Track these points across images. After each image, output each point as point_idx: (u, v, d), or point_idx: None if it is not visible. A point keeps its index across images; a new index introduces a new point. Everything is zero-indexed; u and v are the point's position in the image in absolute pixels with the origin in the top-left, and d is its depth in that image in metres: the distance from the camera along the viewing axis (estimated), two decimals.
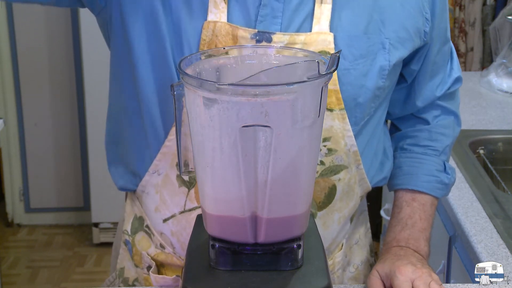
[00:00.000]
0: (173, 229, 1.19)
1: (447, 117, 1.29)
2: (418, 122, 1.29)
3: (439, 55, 1.23)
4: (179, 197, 1.16)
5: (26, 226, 3.57)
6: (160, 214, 1.20)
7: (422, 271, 1.09)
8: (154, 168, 1.17)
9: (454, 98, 1.30)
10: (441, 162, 1.27)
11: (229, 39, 1.08)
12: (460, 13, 3.04)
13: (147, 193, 1.20)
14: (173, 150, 1.14)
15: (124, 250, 1.30)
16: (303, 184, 0.93)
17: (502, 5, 2.97)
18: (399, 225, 1.22)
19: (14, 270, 3.13)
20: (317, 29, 1.09)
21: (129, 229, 1.27)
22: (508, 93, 2.37)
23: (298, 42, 1.09)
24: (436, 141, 1.27)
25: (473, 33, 3.05)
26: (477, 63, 3.06)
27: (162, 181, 1.17)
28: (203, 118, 0.87)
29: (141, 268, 1.26)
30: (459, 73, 1.29)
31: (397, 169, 1.28)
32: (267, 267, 0.94)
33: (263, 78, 0.86)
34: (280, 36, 1.08)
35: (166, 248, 1.22)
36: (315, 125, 0.90)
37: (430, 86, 1.25)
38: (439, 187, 1.26)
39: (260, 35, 1.08)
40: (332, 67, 0.88)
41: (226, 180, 0.90)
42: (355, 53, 1.11)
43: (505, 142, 2.00)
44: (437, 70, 1.25)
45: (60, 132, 3.43)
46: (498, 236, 1.45)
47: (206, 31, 1.08)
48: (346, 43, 1.10)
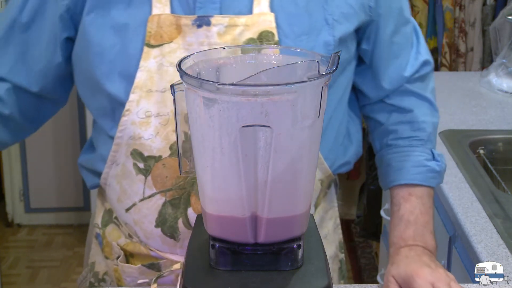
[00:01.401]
0: (135, 217, 1.20)
1: (421, 103, 1.28)
2: (393, 111, 1.28)
3: (399, 36, 1.24)
4: (137, 185, 1.18)
5: (26, 226, 3.57)
6: (122, 204, 1.21)
7: (439, 271, 1.11)
8: (111, 160, 1.20)
9: (426, 83, 1.29)
10: (428, 151, 1.26)
11: (173, 28, 1.13)
12: (460, 13, 3.04)
13: (109, 185, 1.23)
14: (125, 140, 1.17)
15: (95, 244, 1.32)
16: (303, 184, 0.93)
17: (502, 5, 2.97)
18: (402, 223, 1.22)
19: (14, 270, 3.13)
20: (257, 10, 1.13)
21: (99, 222, 1.30)
22: (508, 93, 2.37)
23: (239, 24, 1.13)
24: (418, 130, 1.26)
25: (473, 33, 3.05)
26: (477, 63, 3.06)
27: (121, 171, 1.20)
28: (203, 118, 0.87)
29: (112, 260, 1.27)
30: (427, 57, 1.28)
31: (387, 167, 1.27)
32: (267, 267, 0.94)
33: (263, 78, 0.86)
34: (218, 19, 1.13)
35: (133, 237, 1.24)
36: (315, 125, 0.90)
37: (395, 67, 1.25)
38: (432, 176, 1.25)
39: (199, 20, 1.13)
40: (332, 67, 0.88)
41: (226, 180, 0.90)
42: (297, 30, 1.14)
43: (505, 142, 1.99)
44: (399, 51, 1.25)
45: (60, 132, 3.44)
46: (498, 236, 1.45)
47: (152, 23, 1.13)
48: (287, 21, 1.14)
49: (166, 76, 1.13)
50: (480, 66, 3.04)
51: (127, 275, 1.24)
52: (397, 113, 1.28)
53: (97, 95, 1.19)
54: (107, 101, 1.17)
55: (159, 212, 1.18)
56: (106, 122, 1.20)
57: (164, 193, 1.17)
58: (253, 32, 1.13)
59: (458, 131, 2.01)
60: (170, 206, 1.17)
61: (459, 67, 3.09)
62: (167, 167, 1.15)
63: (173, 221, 1.17)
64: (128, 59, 1.14)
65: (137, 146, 1.16)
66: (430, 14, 3.08)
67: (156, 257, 1.22)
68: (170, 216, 1.17)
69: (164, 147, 1.15)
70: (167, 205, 1.17)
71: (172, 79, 1.12)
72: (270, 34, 1.13)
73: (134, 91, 1.14)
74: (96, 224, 1.31)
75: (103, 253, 1.29)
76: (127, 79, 1.14)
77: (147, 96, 1.14)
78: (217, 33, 1.12)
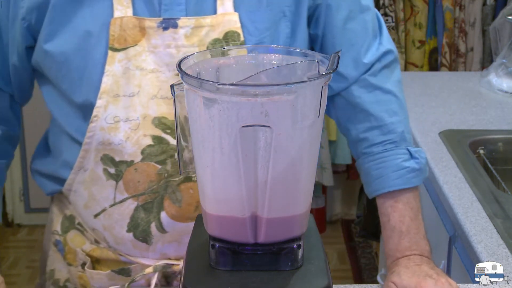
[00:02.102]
0: (104, 223, 1.19)
1: (387, 98, 1.23)
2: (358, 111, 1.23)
3: (354, 23, 1.21)
4: (108, 191, 1.17)
5: (26, 226, 3.56)
6: (90, 210, 1.20)
7: (442, 281, 1.10)
8: (78, 166, 1.18)
9: (389, 75, 1.24)
10: (404, 151, 1.21)
11: (137, 31, 1.13)
12: (460, 13, 3.04)
13: (75, 191, 1.21)
14: (93, 146, 1.16)
15: (54, 251, 1.30)
16: (303, 184, 0.93)
17: (502, 5, 2.97)
18: (395, 234, 1.20)
19: (14, 270, 3.12)
20: (221, 10, 1.13)
21: (59, 229, 1.28)
22: (508, 93, 2.37)
23: (205, 25, 1.13)
24: (389, 133, 1.22)
25: (473, 33, 3.05)
26: (477, 63, 3.06)
27: (89, 176, 1.18)
28: (203, 118, 0.87)
29: (75, 266, 1.26)
30: (390, 46, 1.25)
31: (367, 176, 1.24)
32: (267, 267, 0.94)
33: (263, 78, 0.86)
34: (185, 21, 1.12)
35: (100, 243, 1.23)
36: (315, 125, 0.90)
37: (351, 54, 1.21)
38: (413, 176, 1.21)
39: (166, 22, 1.13)
40: (332, 67, 0.88)
41: (226, 180, 0.90)
42: (260, 27, 1.15)
43: (505, 142, 1.99)
44: (355, 38, 1.22)
45: None
46: (498, 236, 1.45)
47: (114, 27, 1.12)
48: (250, 19, 1.14)
49: (133, 80, 1.12)
50: (480, 66, 3.05)
51: (95, 281, 1.22)
52: (362, 114, 1.23)
53: (63, 102, 1.18)
54: (74, 107, 1.16)
55: (131, 217, 1.17)
56: (73, 128, 1.18)
57: (137, 198, 1.16)
58: (219, 32, 1.13)
59: (458, 131, 2.01)
60: (142, 211, 1.16)
61: (459, 67, 3.09)
62: (139, 171, 1.14)
63: (145, 225, 1.16)
64: (93, 65, 1.13)
65: (107, 151, 1.15)
66: (430, 14, 3.08)
67: (126, 262, 1.21)
68: (142, 220, 1.17)
69: (135, 152, 1.14)
70: (140, 209, 1.16)
71: (139, 83, 1.12)
72: (235, 34, 1.13)
73: (101, 96, 1.13)
74: (55, 231, 1.29)
75: (65, 260, 1.27)
76: (93, 85, 1.13)
77: (114, 101, 1.13)
78: (184, 35, 1.12)
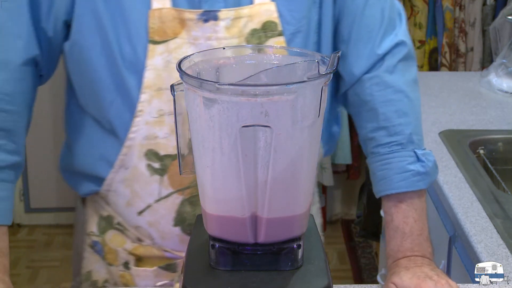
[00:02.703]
0: (149, 219, 1.19)
1: (398, 98, 1.20)
2: (367, 110, 1.21)
3: (374, 9, 1.19)
4: (152, 187, 1.17)
5: (26, 226, 3.57)
6: (133, 208, 1.20)
7: (442, 283, 1.09)
8: (119, 164, 1.17)
9: (404, 73, 1.21)
10: (410, 153, 1.19)
11: (177, 23, 1.11)
12: (460, 13, 3.04)
13: (114, 191, 1.20)
14: (137, 142, 1.15)
15: (90, 253, 1.28)
16: (303, 184, 0.93)
17: (502, 5, 2.97)
18: (397, 235, 1.19)
19: (14, 270, 3.13)
20: (258, 0, 1.13)
21: (95, 230, 1.26)
22: (508, 93, 2.37)
23: (243, 16, 1.12)
24: (396, 134, 1.19)
25: (473, 33, 3.05)
26: (477, 63, 3.06)
27: (131, 174, 1.17)
28: (203, 118, 0.87)
29: (116, 266, 1.25)
30: (404, 38, 1.22)
31: (373, 176, 1.23)
32: (267, 267, 0.94)
33: (263, 78, 0.86)
34: (225, 13, 1.12)
35: (144, 241, 1.22)
36: (315, 125, 0.90)
37: (369, 42, 1.19)
38: (418, 179, 1.19)
39: (206, 15, 1.11)
40: (332, 67, 0.88)
41: (226, 180, 0.90)
42: (297, 16, 1.14)
43: (505, 142, 1.99)
44: (373, 25, 1.19)
45: (60, 132, 3.43)
46: (498, 236, 1.45)
47: (153, 19, 1.11)
48: (286, 8, 1.14)
49: (174, 73, 1.12)
50: (480, 66, 3.04)
51: (142, 279, 1.22)
52: (371, 113, 1.21)
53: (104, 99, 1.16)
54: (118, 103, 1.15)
55: (177, 211, 1.17)
56: (114, 125, 1.16)
57: (182, 192, 1.16)
58: (256, 22, 1.12)
59: (458, 131, 2.01)
60: (188, 204, 1.16)
61: (459, 67, 3.09)
62: None
63: (192, 219, 1.16)
64: (136, 58, 1.12)
65: (152, 146, 1.14)
66: (430, 14, 3.08)
67: (171, 258, 1.21)
68: (188, 214, 1.17)
69: None
70: (185, 203, 1.16)
71: None
72: (273, 24, 1.13)
73: (144, 91, 1.12)
74: (91, 233, 1.27)
75: (104, 260, 1.27)
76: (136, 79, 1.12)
77: (158, 94, 1.12)
78: (225, 27, 1.12)
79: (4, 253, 1.16)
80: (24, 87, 1.15)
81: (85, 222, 1.29)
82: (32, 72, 1.16)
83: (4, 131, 1.12)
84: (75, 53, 1.16)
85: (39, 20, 1.13)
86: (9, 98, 1.12)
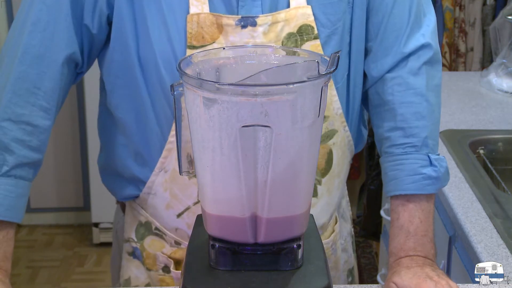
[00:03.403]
0: (188, 221, 1.19)
1: (418, 101, 1.20)
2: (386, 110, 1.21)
3: (402, 7, 1.19)
4: (191, 189, 1.17)
5: (26, 226, 3.56)
6: (172, 211, 1.20)
7: (442, 284, 1.09)
8: (160, 167, 1.18)
9: (427, 77, 1.21)
10: (424, 157, 1.19)
11: (215, 28, 1.11)
12: (460, 13, 3.04)
13: (154, 194, 1.20)
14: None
15: (128, 260, 1.28)
16: (303, 184, 0.93)
17: (502, 5, 2.97)
18: (402, 233, 1.19)
19: (14, 270, 3.13)
20: (294, 4, 1.13)
21: (134, 236, 1.27)
22: (508, 93, 2.37)
23: (280, 20, 1.12)
24: (411, 136, 1.19)
25: (473, 33, 3.05)
26: (477, 63, 3.06)
27: (170, 177, 1.18)
28: (203, 118, 0.87)
29: (155, 271, 1.25)
30: (431, 41, 1.21)
31: (385, 175, 1.23)
32: (267, 267, 0.94)
33: (263, 78, 0.86)
34: (263, 18, 1.12)
35: (182, 244, 1.22)
36: (315, 125, 0.90)
37: (396, 41, 1.20)
38: (428, 183, 1.19)
39: (244, 20, 1.11)
40: (332, 67, 0.88)
41: (226, 180, 0.90)
42: (332, 18, 1.15)
43: (505, 142, 1.99)
44: (400, 24, 1.20)
45: (60, 132, 3.43)
46: (498, 236, 1.45)
47: (191, 24, 1.10)
48: (322, 11, 1.14)
49: None
50: (480, 66, 3.04)
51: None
52: (390, 113, 1.21)
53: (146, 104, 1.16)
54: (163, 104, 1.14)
55: None
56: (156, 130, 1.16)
57: None
58: (293, 26, 1.13)
59: (458, 131, 2.01)
60: None
61: (459, 67, 3.09)
62: None
63: None
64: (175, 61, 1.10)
65: (190, 149, 1.13)
66: None
67: None
68: None
69: None
70: None
71: None
72: (309, 28, 1.13)
73: None
74: (130, 239, 1.27)
75: (144, 266, 1.27)
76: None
77: None
78: (263, 33, 1.12)
79: (8, 257, 1.18)
80: (61, 84, 1.15)
81: (123, 229, 1.30)
82: (71, 70, 1.17)
83: (32, 126, 1.13)
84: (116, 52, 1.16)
85: (81, 17, 1.14)
86: (45, 95, 1.13)
